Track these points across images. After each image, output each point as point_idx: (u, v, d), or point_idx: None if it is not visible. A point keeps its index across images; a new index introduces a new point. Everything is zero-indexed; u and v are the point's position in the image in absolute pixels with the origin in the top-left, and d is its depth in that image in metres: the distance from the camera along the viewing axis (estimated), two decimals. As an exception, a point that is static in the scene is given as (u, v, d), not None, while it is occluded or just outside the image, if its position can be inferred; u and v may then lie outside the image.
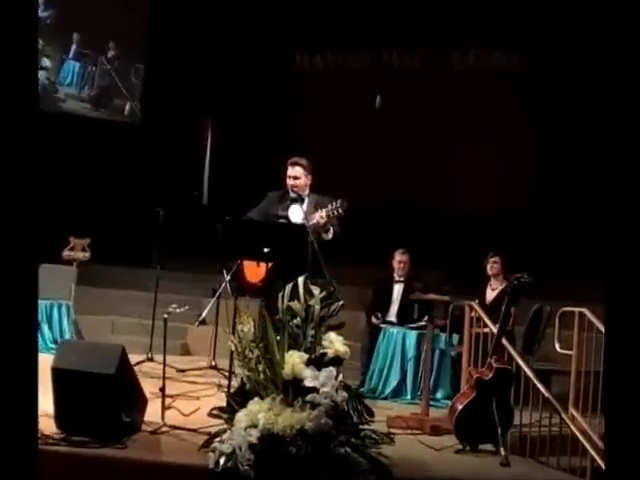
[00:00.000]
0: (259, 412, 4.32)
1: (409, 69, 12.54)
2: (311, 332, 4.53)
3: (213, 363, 8.00)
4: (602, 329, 5.87)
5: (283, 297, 4.54)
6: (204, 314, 5.60)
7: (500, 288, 7.55)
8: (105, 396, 4.57)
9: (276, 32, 12.65)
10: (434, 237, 10.34)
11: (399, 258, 8.22)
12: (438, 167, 11.76)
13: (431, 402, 7.11)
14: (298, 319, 4.55)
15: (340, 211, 5.72)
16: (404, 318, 7.88)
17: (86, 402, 4.54)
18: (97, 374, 4.56)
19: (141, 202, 11.38)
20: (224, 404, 5.99)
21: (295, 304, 4.50)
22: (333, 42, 12.69)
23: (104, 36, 12.65)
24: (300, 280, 4.59)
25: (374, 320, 7.92)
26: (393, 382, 7.40)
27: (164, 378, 5.28)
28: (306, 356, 4.39)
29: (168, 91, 12.55)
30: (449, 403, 7.08)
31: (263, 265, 5.84)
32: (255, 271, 5.96)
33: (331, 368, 4.38)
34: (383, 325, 7.84)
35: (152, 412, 5.22)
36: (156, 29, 12.71)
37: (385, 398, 7.31)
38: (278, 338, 4.50)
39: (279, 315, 4.62)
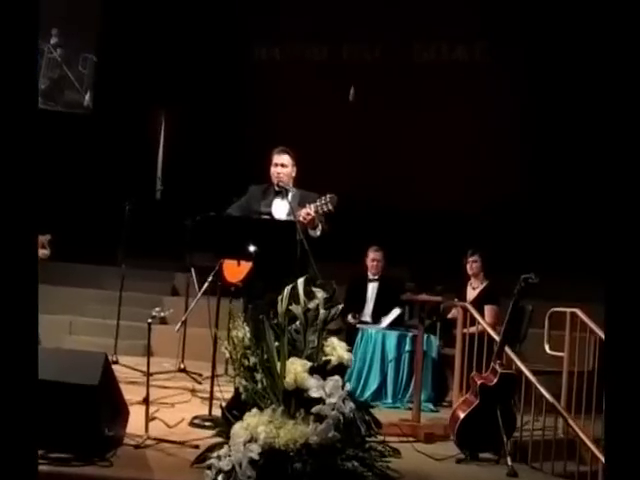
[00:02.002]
0: (258, 425, 4.00)
1: (370, 62, 12.27)
2: (311, 337, 4.22)
3: (182, 366, 7.66)
4: (595, 329, 5.73)
5: (282, 300, 4.22)
6: (185, 316, 5.21)
7: (481, 287, 7.33)
8: (88, 409, 4.18)
9: (233, 22, 12.28)
10: (404, 233, 10.07)
11: (373, 256, 7.97)
12: (400, 160, 11.51)
13: (412, 405, 6.89)
14: (297, 323, 4.24)
15: (330, 207, 5.39)
16: (379, 317, 7.64)
17: (67, 416, 4.15)
18: (79, 385, 4.17)
19: (96, 197, 10.97)
20: (203, 412, 5.72)
21: (295, 307, 4.18)
22: (292, 33, 12.36)
23: (45, 22, 12.02)
24: (300, 281, 4.27)
25: (351, 320, 7.64)
26: (373, 385, 7.12)
27: (148, 387, 4.90)
28: (309, 364, 4.08)
29: (119, 81, 12.08)
30: (431, 406, 6.93)
31: (244, 264, 5.51)
32: (235, 270, 5.62)
33: (337, 377, 4.08)
34: (359, 325, 7.57)
35: (131, 423, 4.85)
36: (107, 17, 12.22)
37: (364, 401, 7.01)
38: (276, 344, 4.18)
39: (276, 319, 4.31)
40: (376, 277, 7.92)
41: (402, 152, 11.54)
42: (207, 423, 5.29)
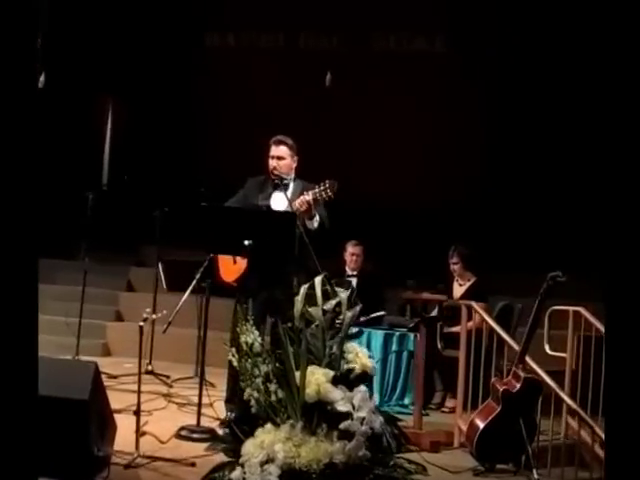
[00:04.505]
0: (275, 443, 3.54)
1: (327, 50, 11.86)
2: (330, 343, 3.77)
3: (149, 368, 7.13)
4: (602, 328, 5.43)
5: (298, 300, 3.76)
6: (172, 317, 4.72)
7: (468, 284, 6.95)
8: (77, 426, 3.67)
9: (185, 8, 11.73)
10: (381, 227, 9.67)
11: (351, 250, 7.56)
12: (358, 152, 11.12)
13: (399, 408, 6.54)
14: (313, 327, 3.79)
15: (329, 193, 4.98)
16: (359, 314, 7.22)
17: (53, 434, 3.62)
18: (67, 400, 3.64)
19: (48, 188, 10.33)
20: (183, 419, 5.24)
21: (315, 309, 3.73)
22: (246, 19, 11.87)
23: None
24: (317, 280, 3.82)
25: (330, 318, 7.20)
26: (358, 387, 6.70)
27: (139, 396, 4.37)
28: (331, 373, 3.63)
29: (64, 65, 11.42)
30: (420, 409, 6.54)
31: (241, 262, 5.04)
32: (231, 268, 5.15)
33: (364, 388, 3.64)
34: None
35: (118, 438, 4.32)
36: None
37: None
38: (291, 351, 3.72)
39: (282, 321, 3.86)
40: (355, 272, 7.51)
41: (365, 143, 11.16)
42: (196, 435, 4.85)
